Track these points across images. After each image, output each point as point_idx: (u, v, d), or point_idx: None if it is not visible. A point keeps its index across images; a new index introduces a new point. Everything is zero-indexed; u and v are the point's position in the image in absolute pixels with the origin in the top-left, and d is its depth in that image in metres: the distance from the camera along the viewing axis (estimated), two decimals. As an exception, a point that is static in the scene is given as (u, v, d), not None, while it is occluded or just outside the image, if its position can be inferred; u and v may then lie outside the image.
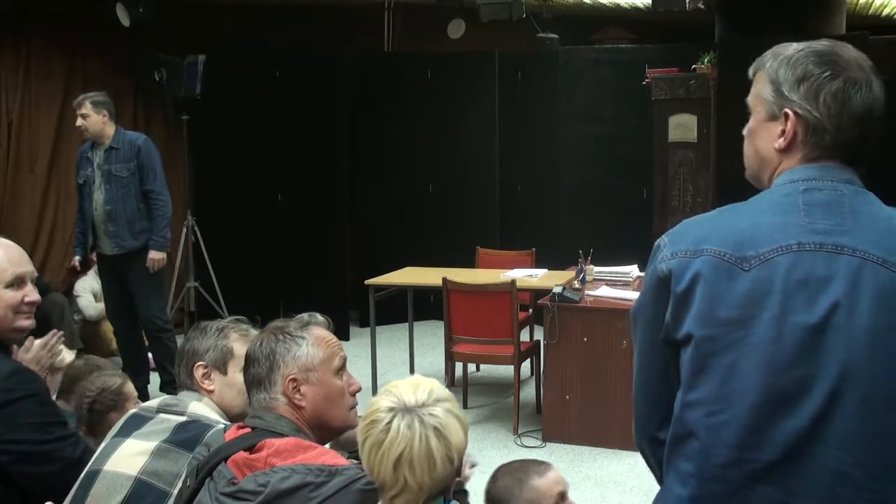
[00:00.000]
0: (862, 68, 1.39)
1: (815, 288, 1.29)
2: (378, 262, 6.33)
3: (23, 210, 6.62)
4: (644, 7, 7.80)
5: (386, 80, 7.64)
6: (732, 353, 1.31)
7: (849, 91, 1.36)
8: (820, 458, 1.27)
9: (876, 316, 1.28)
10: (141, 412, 2.04)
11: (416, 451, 1.50)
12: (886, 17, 8.48)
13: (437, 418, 1.54)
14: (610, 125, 7.09)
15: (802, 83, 1.38)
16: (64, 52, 6.70)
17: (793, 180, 1.39)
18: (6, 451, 1.96)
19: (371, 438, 1.53)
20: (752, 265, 1.32)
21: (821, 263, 1.30)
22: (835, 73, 1.37)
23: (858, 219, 1.34)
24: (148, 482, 1.87)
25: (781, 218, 1.35)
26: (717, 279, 1.33)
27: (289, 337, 1.80)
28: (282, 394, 1.77)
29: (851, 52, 1.40)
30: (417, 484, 1.50)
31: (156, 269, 5.11)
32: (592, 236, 5.92)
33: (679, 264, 1.36)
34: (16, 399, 1.97)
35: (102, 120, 5.04)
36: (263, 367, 1.78)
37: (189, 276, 7.10)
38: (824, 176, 1.38)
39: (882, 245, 1.31)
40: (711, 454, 1.32)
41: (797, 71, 1.39)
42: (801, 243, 1.32)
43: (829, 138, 1.37)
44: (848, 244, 1.31)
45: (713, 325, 1.32)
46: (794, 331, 1.28)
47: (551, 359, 4.80)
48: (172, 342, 5.30)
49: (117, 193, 5.09)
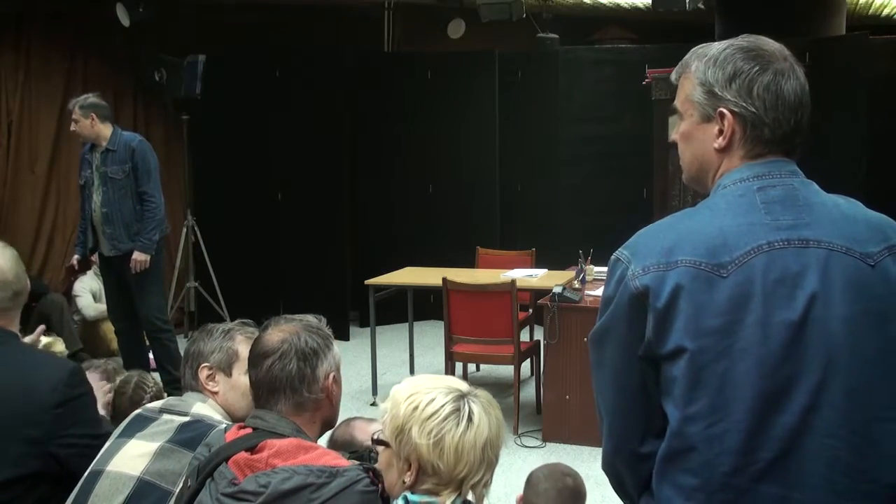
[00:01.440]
0: (785, 58, 1.41)
1: (792, 284, 1.31)
2: (378, 262, 6.32)
3: (23, 210, 6.63)
4: (644, 7, 7.80)
5: (386, 80, 7.63)
6: (724, 361, 1.31)
7: (779, 81, 1.38)
8: (812, 449, 1.29)
9: (850, 303, 1.31)
10: (144, 413, 2.05)
11: (494, 430, 1.63)
12: (886, 17, 8.49)
13: (485, 396, 1.66)
14: (610, 125, 7.09)
15: (734, 80, 1.39)
16: (64, 52, 6.70)
17: (742, 179, 1.40)
18: (73, 444, 2.03)
19: (452, 433, 1.57)
20: (730, 271, 1.32)
21: (792, 259, 1.33)
22: (763, 67, 1.38)
23: (813, 210, 1.37)
24: (151, 482, 1.87)
25: (745, 219, 1.36)
26: (698, 289, 1.32)
27: (324, 334, 1.81)
28: (322, 390, 1.77)
29: (773, 43, 1.42)
30: (497, 459, 1.63)
31: (138, 271, 5.08)
32: (592, 236, 5.91)
33: (654, 279, 1.35)
34: (79, 395, 2.08)
35: (91, 123, 5.03)
36: (310, 362, 1.75)
37: (189, 276, 7.10)
38: (772, 171, 1.39)
39: (842, 234, 1.35)
40: (716, 464, 1.32)
41: (727, 69, 1.39)
42: (771, 242, 1.33)
43: (769, 131, 1.39)
44: (812, 237, 1.34)
45: (702, 336, 1.32)
46: (778, 330, 1.30)
47: (551, 359, 4.80)
48: (172, 342, 5.30)
49: (114, 195, 5.08)
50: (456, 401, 1.61)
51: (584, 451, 4.61)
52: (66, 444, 2.03)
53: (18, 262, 2.21)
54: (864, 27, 6.48)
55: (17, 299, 2.18)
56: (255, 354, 1.79)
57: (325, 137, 7.18)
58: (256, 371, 1.78)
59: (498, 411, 1.67)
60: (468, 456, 1.59)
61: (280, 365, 1.74)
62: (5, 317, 2.16)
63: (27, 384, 2.03)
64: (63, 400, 2.03)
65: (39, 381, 2.04)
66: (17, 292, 2.18)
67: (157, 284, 5.35)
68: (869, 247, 1.35)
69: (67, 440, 2.03)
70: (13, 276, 2.17)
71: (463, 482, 1.60)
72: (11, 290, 2.16)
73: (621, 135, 6.99)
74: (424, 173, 7.64)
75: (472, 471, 1.60)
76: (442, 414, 1.59)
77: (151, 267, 5.14)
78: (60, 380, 2.04)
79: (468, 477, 1.60)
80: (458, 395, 1.63)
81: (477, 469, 1.60)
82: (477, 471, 1.60)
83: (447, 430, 1.57)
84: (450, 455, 1.57)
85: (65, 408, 2.03)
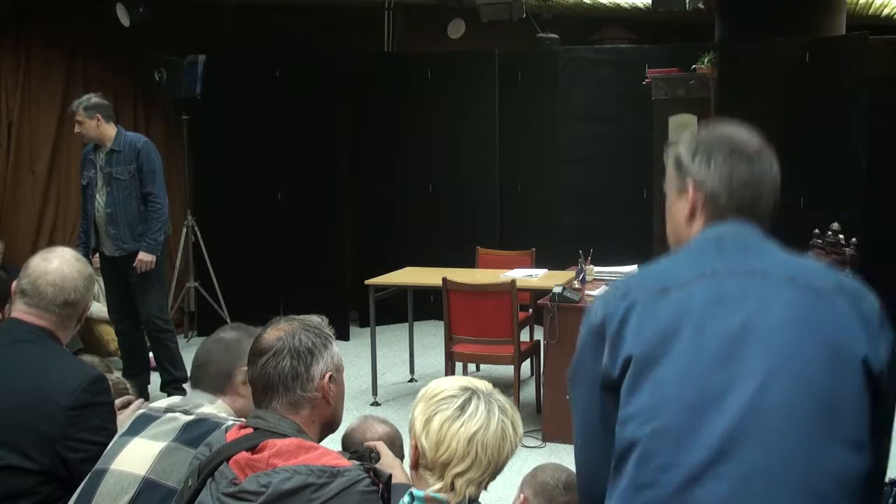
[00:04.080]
0: (751, 143, 1.54)
1: (732, 304, 1.41)
2: (378, 262, 6.33)
3: (23, 210, 6.62)
4: (644, 7, 7.80)
5: (386, 80, 7.63)
6: (660, 365, 1.40)
7: (736, 160, 1.52)
8: (747, 457, 1.33)
9: (791, 322, 1.38)
10: (149, 412, 2.04)
11: (493, 431, 1.65)
12: (886, 17, 8.48)
13: (507, 405, 1.70)
14: (610, 125, 7.10)
15: (696, 155, 1.54)
16: (64, 52, 6.70)
17: (703, 235, 1.54)
18: (81, 448, 2.05)
19: (442, 414, 1.65)
20: (674, 291, 1.45)
21: (734, 283, 1.43)
22: (722, 145, 1.53)
23: (766, 256, 1.48)
24: (156, 481, 1.87)
25: (697, 257, 1.50)
26: (644, 306, 1.45)
27: (323, 334, 1.81)
28: (317, 389, 1.76)
29: (743, 131, 1.56)
30: (488, 462, 1.64)
31: (143, 271, 5.09)
32: (592, 236, 5.93)
33: (611, 308, 1.48)
34: (97, 403, 2.11)
35: (96, 124, 5.02)
36: (304, 360, 1.75)
37: (189, 276, 7.10)
38: (729, 229, 1.52)
39: (788, 269, 1.45)
40: (651, 458, 1.37)
41: (693, 146, 1.56)
42: (716, 270, 1.45)
43: (724, 201, 1.52)
44: (758, 268, 1.45)
45: (643, 343, 1.42)
46: (713, 338, 1.39)
47: (551, 359, 4.80)
48: (173, 342, 5.30)
49: (118, 196, 5.08)
50: (464, 392, 1.69)
51: (585, 451, 4.61)
52: (74, 448, 2.04)
53: (84, 278, 2.25)
54: (864, 27, 6.48)
55: (66, 309, 2.21)
56: (252, 353, 1.81)
57: (325, 137, 7.17)
58: (252, 369, 1.79)
59: (510, 420, 1.69)
60: (451, 441, 1.64)
61: (273, 363, 1.75)
62: (50, 321, 2.20)
63: (48, 383, 2.07)
64: (79, 404, 2.05)
65: (60, 381, 2.07)
66: (69, 302, 2.21)
67: (160, 285, 5.35)
68: (816, 281, 1.43)
69: (76, 444, 2.04)
70: (71, 285, 2.21)
71: (446, 469, 1.64)
72: (63, 299, 2.20)
73: (621, 135, 7.00)
74: (424, 173, 7.64)
75: (453, 459, 1.63)
76: (441, 395, 1.68)
77: (154, 267, 5.15)
78: (80, 385, 2.07)
79: (450, 465, 1.64)
80: (471, 391, 1.69)
81: (460, 460, 1.63)
82: (460, 461, 1.63)
83: (440, 411, 1.66)
84: (433, 435, 1.65)
85: (80, 411, 2.05)
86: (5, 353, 2.15)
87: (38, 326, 2.18)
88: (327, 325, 1.85)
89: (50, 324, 2.20)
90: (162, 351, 5.27)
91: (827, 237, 5.02)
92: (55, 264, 2.23)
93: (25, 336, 2.17)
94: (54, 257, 2.25)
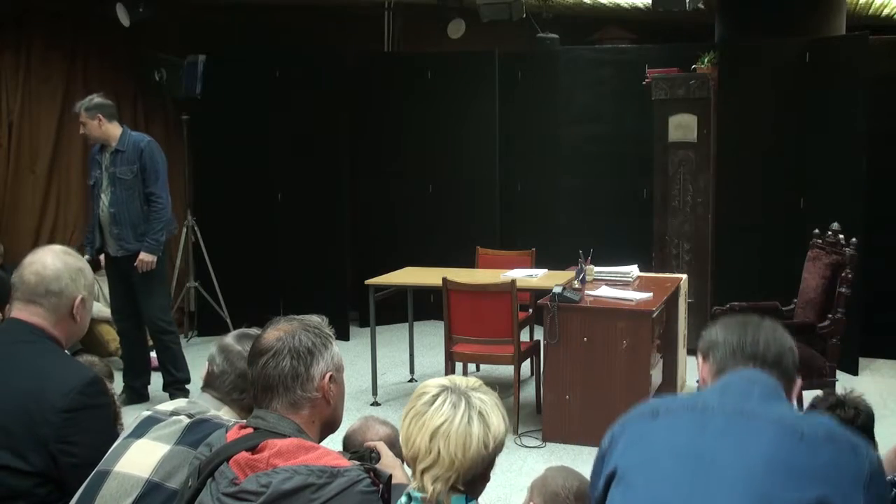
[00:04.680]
0: (763, 325, 1.72)
1: (711, 437, 1.53)
2: (378, 262, 6.33)
3: (23, 211, 6.61)
4: (644, 7, 7.80)
5: (386, 80, 7.63)
6: (632, 482, 1.55)
7: (743, 336, 1.70)
8: None
9: (763, 462, 1.46)
10: (154, 414, 2.03)
11: (456, 426, 1.63)
12: (886, 17, 8.48)
13: (484, 403, 1.69)
14: (610, 125, 7.09)
15: (707, 333, 1.78)
16: (64, 52, 6.69)
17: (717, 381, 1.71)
18: (72, 452, 2.02)
19: (414, 409, 1.68)
20: (662, 416, 1.62)
21: (721, 420, 1.55)
22: (732, 329, 1.73)
23: (765, 402, 1.58)
24: (159, 483, 1.86)
25: (698, 394, 1.68)
26: (635, 424, 1.63)
27: (323, 334, 1.81)
28: (317, 389, 1.76)
29: (766, 321, 1.75)
30: (450, 458, 1.62)
31: (144, 271, 5.09)
32: (592, 236, 5.92)
33: (610, 435, 1.67)
34: (92, 405, 2.09)
35: (98, 124, 5.03)
36: (304, 360, 1.76)
37: (189, 276, 7.10)
38: (737, 377, 1.66)
39: (781, 413, 1.55)
40: None
41: (710, 326, 1.79)
42: (707, 404, 1.59)
43: (732, 357, 1.70)
44: (749, 410, 1.56)
45: (625, 459, 1.59)
46: (685, 466, 1.51)
47: (551, 359, 4.81)
48: (176, 344, 5.29)
49: (121, 196, 5.09)
50: (439, 388, 1.70)
51: (584, 451, 4.61)
52: (66, 452, 2.03)
53: (70, 269, 2.23)
54: (864, 27, 6.47)
55: (49, 298, 2.19)
56: (252, 353, 1.81)
57: (325, 137, 7.17)
58: (252, 369, 1.79)
59: (485, 417, 1.67)
60: (416, 437, 1.66)
61: (273, 363, 1.75)
62: (39, 314, 2.19)
63: (44, 384, 2.06)
64: (73, 406, 2.04)
65: (56, 383, 2.06)
66: (51, 291, 2.19)
67: (162, 286, 5.36)
68: (804, 426, 1.50)
69: (68, 447, 2.03)
70: (52, 274, 2.20)
71: (415, 463, 1.66)
72: (45, 287, 2.19)
73: (621, 135, 6.99)
74: (424, 173, 7.64)
75: (419, 454, 1.65)
76: (420, 392, 1.72)
77: (157, 268, 5.15)
78: (75, 386, 2.06)
79: (417, 460, 1.66)
80: (446, 387, 1.71)
81: (425, 455, 1.64)
82: (425, 457, 1.64)
83: (413, 407, 1.70)
84: (404, 431, 1.69)
85: (74, 414, 2.04)
86: (5, 354, 2.15)
87: (35, 326, 2.18)
88: (327, 325, 1.85)
89: (42, 318, 2.19)
90: (164, 352, 5.26)
91: (827, 237, 5.03)
92: (39, 255, 2.25)
93: (25, 337, 2.17)
94: (42, 251, 2.27)
